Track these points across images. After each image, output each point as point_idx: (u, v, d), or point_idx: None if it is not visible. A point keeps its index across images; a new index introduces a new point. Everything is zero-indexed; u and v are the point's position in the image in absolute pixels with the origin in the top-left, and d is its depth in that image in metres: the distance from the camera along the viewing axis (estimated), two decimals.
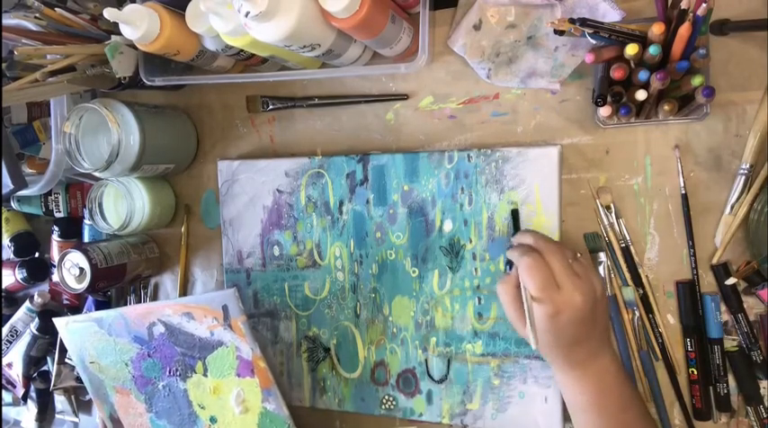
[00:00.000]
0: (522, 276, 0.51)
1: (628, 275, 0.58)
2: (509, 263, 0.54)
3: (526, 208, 0.59)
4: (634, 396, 0.52)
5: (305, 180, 0.68)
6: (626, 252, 0.58)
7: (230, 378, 0.64)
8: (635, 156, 0.58)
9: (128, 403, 0.72)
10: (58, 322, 0.73)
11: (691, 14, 0.45)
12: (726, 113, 0.55)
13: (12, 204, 0.84)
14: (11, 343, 0.86)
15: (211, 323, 0.64)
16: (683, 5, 0.45)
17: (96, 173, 0.66)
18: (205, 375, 0.65)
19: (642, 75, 0.48)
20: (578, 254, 0.53)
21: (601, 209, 0.58)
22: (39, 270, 0.87)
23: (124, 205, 0.71)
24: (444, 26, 0.62)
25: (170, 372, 0.67)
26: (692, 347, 0.57)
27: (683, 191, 0.56)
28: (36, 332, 0.84)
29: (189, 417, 0.68)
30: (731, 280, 0.54)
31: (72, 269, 0.72)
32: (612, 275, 0.59)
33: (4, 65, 0.65)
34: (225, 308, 0.63)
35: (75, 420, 0.88)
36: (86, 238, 0.81)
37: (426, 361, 0.65)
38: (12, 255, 0.86)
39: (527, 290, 0.50)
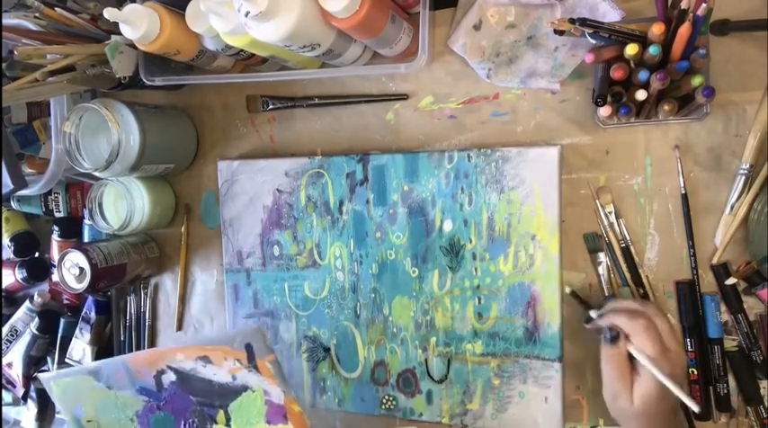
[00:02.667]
0: (639, 339, 0.48)
1: (628, 275, 0.58)
2: (612, 337, 0.50)
3: (526, 208, 0.59)
4: None
5: (305, 180, 0.68)
6: (626, 252, 0.58)
7: (259, 426, 0.57)
8: (635, 156, 0.58)
9: None
10: (44, 377, 0.64)
11: (691, 14, 0.45)
12: (726, 113, 0.55)
13: (12, 204, 0.84)
14: (11, 342, 0.86)
15: (233, 365, 0.57)
16: (683, 5, 0.45)
17: (96, 173, 0.66)
18: (228, 425, 0.58)
19: (642, 75, 0.48)
20: (666, 318, 0.51)
21: (601, 209, 0.58)
22: (39, 270, 0.87)
23: (124, 205, 0.71)
24: (444, 26, 0.62)
25: (185, 426, 0.60)
26: (692, 347, 0.57)
27: (683, 191, 0.56)
28: (36, 332, 0.84)
29: None
30: (731, 280, 0.54)
31: (72, 269, 0.72)
32: (612, 275, 0.59)
33: (4, 65, 0.65)
34: (249, 348, 0.56)
35: None
36: (86, 238, 0.81)
37: (426, 360, 0.65)
38: (12, 255, 0.86)
39: (643, 355, 0.48)
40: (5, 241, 0.85)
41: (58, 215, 0.83)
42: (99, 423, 0.63)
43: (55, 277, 0.76)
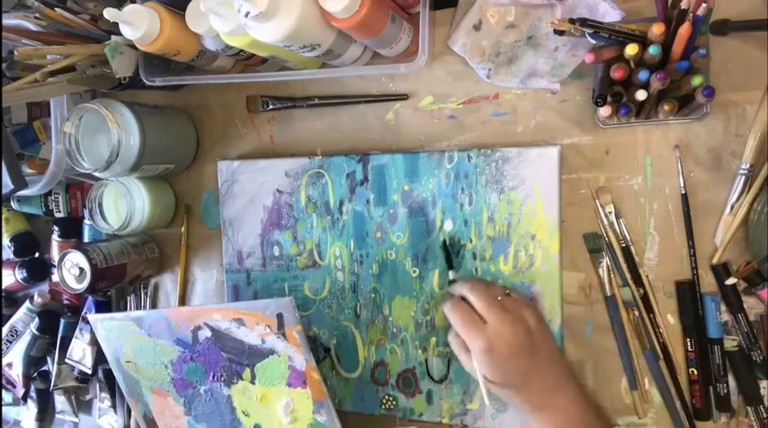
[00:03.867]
0: (450, 321, 0.52)
1: (628, 275, 0.58)
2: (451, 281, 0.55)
3: (526, 208, 0.59)
4: (602, 416, 0.51)
5: (305, 180, 0.68)
6: (626, 252, 0.58)
7: (280, 387, 0.62)
8: (635, 156, 0.58)
9: (164, 404, 0.69)
10: (92, 318, 0.70)
11: (691, 14, 0.45)
12: (726, 113, 0.55)
13: (12, 204, 0.84)
14: (11, 343, 0.86)
15: (263, 330, 0.61)
16: (683, 5, 0.45)
17: (96, 174, 0.66)
18: (252, 382, 0.63)
19: (642, 75, 0.48)
20: (507, 290, 0.54)
21: (601, 209, 0.58)
22: (39, 270, 0.87)
23: (124, 205, 0.71)
24: (444, 26, 0.62)
25: (214, 377, 0.65)
26: (692, 347, 0.57)
27: (683, 191, 0.56)
28: (36, 332, 0.84)
29: (231, 423, 0.66)
30: (731, 280, 0.54)
31: (72, 269, 0.72)
32: (612, 275, 0.59)
33: (4, 65, 0.65)
34: (280, 317, 0.60)
35: (75, 420, 0.88)
36: (86, 238, 0.81)
37: (426, 360, 0.65)
38: (12, 255, 0.86)
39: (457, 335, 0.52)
40: (5, 241, 0.85)
41: (58, 215, 0.83)
42: (136, 365, 0.69)
43: (55, 277, 0.76)
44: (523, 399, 0.50)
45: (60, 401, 0.87)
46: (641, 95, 0.49)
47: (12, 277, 0.86)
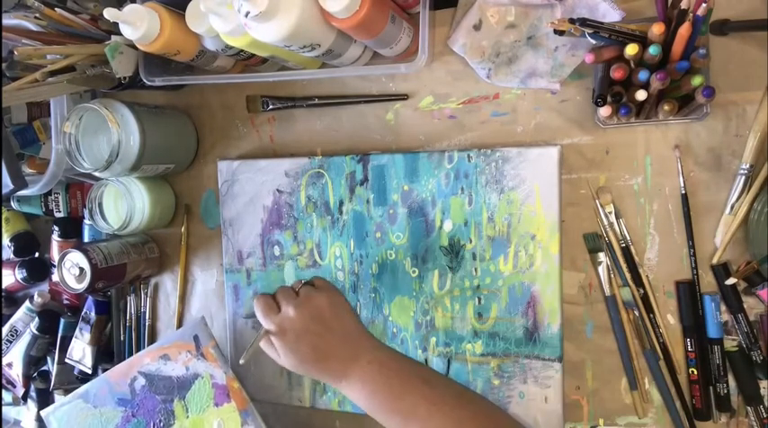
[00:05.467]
0: (259, 316, 0.55)
1: (628, 275, 0.58)
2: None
3: (526, 208, 0.59)
4: (411, 376, 0.51)
5: (305, 180, 0.68)
6: (626, 252, 0.58)
7: (209, 410, 0.66)
8: (635, 156, 0.58)
9: None
10: (44, 413, 0.72)
11: (691, 14, 0.45)
12: (726, 113, 0.55)
13: (12, 204, 0.84)
14: (11, 342, 0.86)
15: (186, 357, 0.67)
16: (683, 5, 0.45)
17: (96, 173, 0.66)
18: (186, 415, 0.67)
19: (642, 75, 0.48)
20: (308, 280, 0.57)
21: (601, 209, 0.58)
22: (39, 270, 0.87)
23: (124, 205, 0.71)
24: (444, 26, 0.62)
25: (154, 427, 0.68)
26: (692, 347, 0.57)
27: (683, 191, 0.56)
28: (36, 332, 0.84)
29: None
30: (731, 280, 0.54)
31: (72, 269, 0.72)
32: (612, 275, 0.59)
33: (4, 65, 0.65)
34: (196, 338, 0.66)
35: None
36: (86, 238, 0.81)
37: (426, 361, 0.65)
38: (12, 255, 0.86)
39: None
40: (5, 241, 0.85)
41: (58, 215, 0.83)
42: None
43: (55, 277, 0.76)
44: (323, 373, 0.53)
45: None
46: (641, 95, 0.49)
47: (12, 277, 0.87)
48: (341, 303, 0.55)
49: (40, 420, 0.89)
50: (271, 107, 0.70)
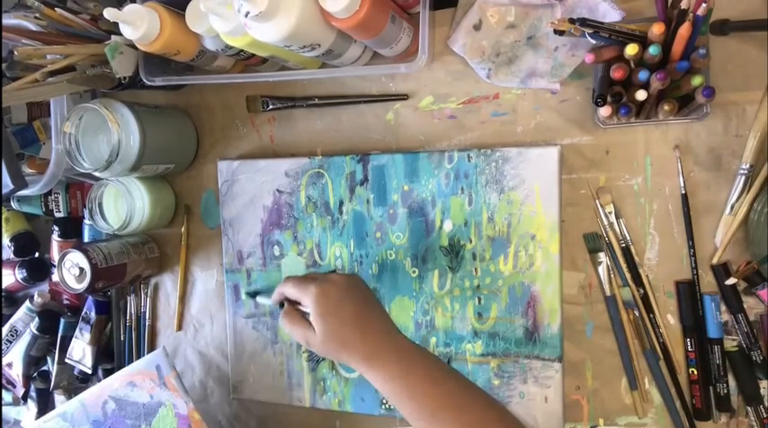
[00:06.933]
0: (286, 289, 0.54)
1: (628, 275, 0.58)
2: (281, 304, 0.56)
3: (526, 208, 0.59)
4: (439, 365, 0.50)
5: (305, 180, 0.68)
6: (626, 252, 0.58)
7: None
8: (635, 156, 0.58)
9: None
10: None
11: (691, 14, 0.45)
12: (726, 113, 0.55)
13: (12, 204, 0.84)
14: (11, 342, 0.86)
15: (150, 385, 0.69)
16: (683, 5, 0.45)
17: (96, 173, 0.66)
18: None
19: (642, 75, 0.48)
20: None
21: (601, 209, 0.58)
22: (39, 270, 0.87)
23: (124, 205, 0.71)
24: (444, 26, 0.62)
25: None
26: (691, 347, 0.57)
27: (683, 191, 0.56)
28: (36, 332, 0.84)
29: None
30: (731, 281, 0.54)
31: (72, 269, 0.72)
32: (612, 275, 0.59)
33: (4, 65, 0.65)
34: (158, 368, 0.69)
35: None
36: (86, 238, 0.81)
37: None
38: (12, 255, 0.86)
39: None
40: (5, 241, 0.85)
41: (58, 215, 0.83)
42: None
43: (55, 277, 0.76)
44: (360, 346, 0.50)
45: (60, 401, 0.87)
46: (641, 95, 0.49)
47: (12, 277, 0.86)
48: (372, 292, 0.55)
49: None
50: (271, 107, 0.70)
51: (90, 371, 0.80)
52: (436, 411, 0.46)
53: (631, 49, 0.47)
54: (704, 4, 0.44)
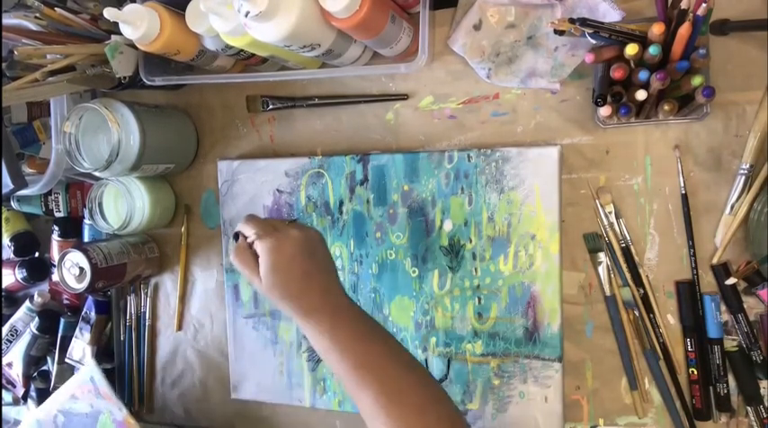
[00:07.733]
0: (245, 228, 0.54)
1: (628, 275, 0.58)
2: (236, 236, 0.55)
3: (526, 208, 0.59)
4: (370, 326, 0.51)
5: (305, 180, 0.68)
6: (626, 252, 0.58)
7: None
8: (635, 156, 0.58)
9: None
10: None
11: (691, 14, 0.45)
12: (726, 113, 0.55)
13: (12, 204, 0.84)
14: (11, 342, 0.86)
15: (89, 396, 0.73)
16: (683, 5, 0.45)
17: (96, 173, 0.66)
18: None
19: (642, 75, 0.48)
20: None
21: (601, 209, 0.58)
22: (39, 269, 0.87)
23: (124, 205, 0.71)
24: (444, 26, 0.62)
25: None
26: (691, 347, 0.57)
27: (683, 191, 0.56)
28: (36, 331, 0.84)
29: None
30: (731, 280, 0.54)
31: (72, 268, 0.72)
32: (612, 275, 0.59)
33: (4, 65, 0.65)
34: (92, 380, 0.72)
35: None
36: (86, 238, 0.81)
37: (426, 360, 0.65)
38: (12, 255, 0.86)
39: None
40: (5, 241, 0.85)
41: (58, 215, 0.83)
42: None
43: (55, 277, 0.76)
44: (300, 303, 0.51)
45: None
46: (641, 95, 0.49)
47: (12, 277, 0.86)
48: (327, 250, 0.55)
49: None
50: (271, 107, 0.70)
51: None
52: (357, 367, 0.48)
53: (631, 49, 0.47)
54: (704, 4, 0.44)
